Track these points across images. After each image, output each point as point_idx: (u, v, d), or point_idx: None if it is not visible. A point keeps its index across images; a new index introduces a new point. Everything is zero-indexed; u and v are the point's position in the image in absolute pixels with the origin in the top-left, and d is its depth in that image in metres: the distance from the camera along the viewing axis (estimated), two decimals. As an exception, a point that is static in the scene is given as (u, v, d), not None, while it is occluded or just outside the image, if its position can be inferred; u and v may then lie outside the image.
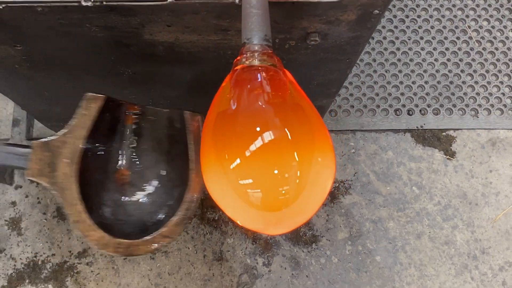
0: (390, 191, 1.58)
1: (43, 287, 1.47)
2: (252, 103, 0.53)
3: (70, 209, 0.67)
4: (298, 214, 0.53)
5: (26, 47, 0.75)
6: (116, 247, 0.67)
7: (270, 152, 0.50)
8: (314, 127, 0.54)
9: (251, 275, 1.49)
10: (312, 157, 0.52)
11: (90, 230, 0.67)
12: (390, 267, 1.51)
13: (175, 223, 0.69)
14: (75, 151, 0.69)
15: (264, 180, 0.51)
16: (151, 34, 0.72)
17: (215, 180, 0.54)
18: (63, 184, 0.68)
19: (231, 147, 0.51)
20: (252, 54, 0.55)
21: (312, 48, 0.78)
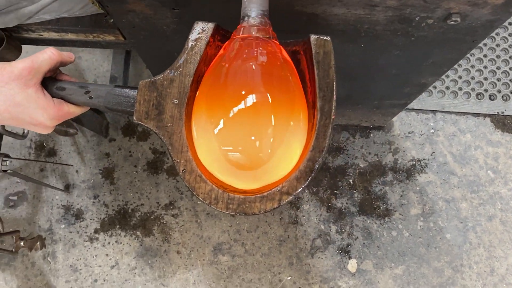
0: (466, 173, 1.61)
1: (132, 233, 1.60)
2: (243, 70, 0.57)
3: (178, 157, 0.59)
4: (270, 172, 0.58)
5: (183, 10, 0.82)
6: (227, 203, 0.58)
7: (252, 113, 0.54)
8: (294, 97, 0.59)
9: (324, 241, 1.57)
10: (287, 122, 0.56)
11: (199, 181, 0.58)
12: (460, 246, 1.56)
13: (296, 177, 0.58)
14: (184, 90, 0.60)
15: (242, 138, 0.55)
16: (302, 5, 0.78)
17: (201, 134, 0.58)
18: (170, 128, 0.60)
19: (218, 106, 0.56)
20: (250, 26, 0.59)
21: (447, 27, 0.82)
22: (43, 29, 0.97)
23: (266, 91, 0.55)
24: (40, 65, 0.64)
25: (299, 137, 0.59)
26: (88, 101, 0.67)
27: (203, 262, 1.56)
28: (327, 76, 0.60)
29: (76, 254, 1.58)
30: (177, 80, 0.60)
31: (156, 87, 0.61)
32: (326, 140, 0.58)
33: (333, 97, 0.59)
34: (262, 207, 0.57)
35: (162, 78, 0.61)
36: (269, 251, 1.57)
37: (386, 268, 1.54)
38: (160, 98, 0.60)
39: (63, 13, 0.88)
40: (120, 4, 0.81)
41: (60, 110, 0.67)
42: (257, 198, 0.57)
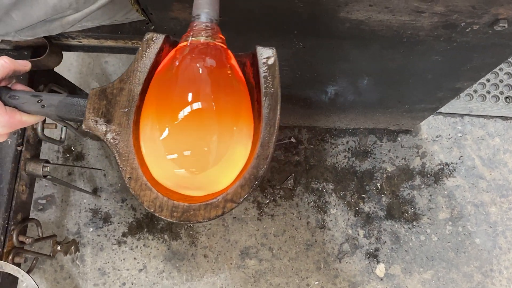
0: (494, 177, 1.60)
1: (160, 236, 1.61)
2: (188, 77, 0.57)
3: (124, 164, 0.59)
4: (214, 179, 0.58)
5: (225, 18, 0.83)
6: (172, 211, 0.58)
7: (196, 120, 0.55)
8: (240, 105, 0.59)
9: (352, 245, 1.57)
10: (231, 129, 0.56)
11: (145, 189, 0.58)
12: (489, 250, 1.54)
13: (241, 184, 0.58)
14: (133, 98, 0.61)
15: (186, 145, 0.55)
16: (348, 12, 0.78)
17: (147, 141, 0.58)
18: (118, 136, 0.60)
19: (163, 113, 0.56)
20: (200, 31, 0.59)
21: (492, 33, 0.81)
22: (83, 36, 0.98)
23: (211, 98, 0.56)
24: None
25: (244, 145, 0.59)
26: (41, 110, 0.68)
27: (230, 266, 1.57)
28: (272, 85, 0.61)
29: (104, 257, 1.60)
30: (126, 89, 0.61)
31: (106, 95, 0.62)
32: (270, 148, 0.59)
33: (277, 106, 0.60)
34: (206, 215, 0.58)
35: (112, 87, 0.62)
36: (296, 255, 1.56)
37: (415, 273, 1.53)
38: (109, 106, 0.62)
39: (105, 20, 0.89)
40: (164, 12, 0.82)
41: (12, 118, 0.67)
42: (201, 206, 0.58)
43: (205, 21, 0.60)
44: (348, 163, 1.64)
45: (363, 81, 1.12)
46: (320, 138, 1.66)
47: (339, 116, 1.50)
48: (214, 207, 0.58)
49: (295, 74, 1.11)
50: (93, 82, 1.76)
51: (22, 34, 0.84)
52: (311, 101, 1.34)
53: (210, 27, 0.60)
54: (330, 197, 1.61)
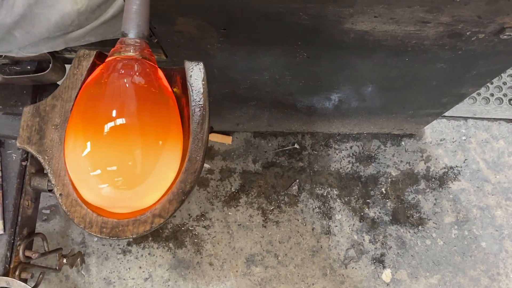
0: (500, 179, 1.59)
1: (164, 245, 1.60)
2: (114, 90, 0.57)
3: (56, 181, 0.60)
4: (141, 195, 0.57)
5: (230, 30, 0.83)
6: (101, 227, 0.58)
7: (119, 136, 0.54)
8: (168, 121, 0.58)
9: (358, 251, 1.56)
10: (157, 145, 0.56)
11: (75, 205, 0.59)
12: (496, 254, 1.54)
13: (169, 199, 0.58)
14: (65, 115, 0.62)
15: (110, 162, 0.55)
16: (353, 23, 0.77)
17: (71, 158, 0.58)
18: (50, 152, 0.61)
19: (86, 129, 0.56)
20: (128, 47, 0.59)
21: (498, 41, 0.81)
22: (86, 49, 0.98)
23: (135, 113, 0.55)
24: None
25: (171, 160, 0.59)
26: None
27: (236, 273, 1.56)
28: (200, 100, 0.61)
29: (110, 267, 1.59)
30: (58, 106, 0.63)
31: (39, 112, 0.63)
32: (198, 163, 0.60)
33: (205, 121, 0.61)
34: (135, 230, 0.58)
35: (45, 104, 0.63)
36: (302, 261, 1.56)
37: (421, 278, 1.53)
38: (42, 123, 0.63)
39: (108, 35, 0.88)
40: (168, 26, 0.82)
41: None
42: (130, 222, 0.58)
43: (133, 37, 0.60)
44: (352, 168, 1.63)
45: (367, 88, 1.12)
46: (323, 144, 1.66)
47: (343, 122, 1.50)
48: (142, 222, 0.58)
49: (298, 82, 1.11)
50: (95, 91, 1.76)
51: (25, 51, 0.84)
52: (314, 108, 1.34)
53: (138, 43, 0.60)
54: (335, 203, 1.61)
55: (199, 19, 0.78)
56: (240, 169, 1.65)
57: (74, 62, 0.64)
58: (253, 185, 1.64)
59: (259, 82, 1.10)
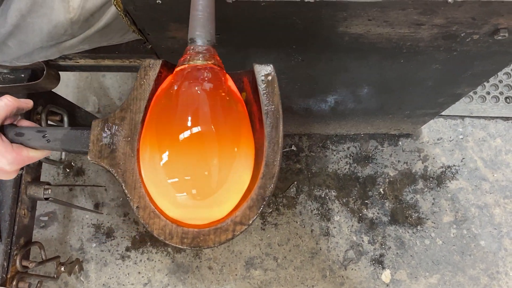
0: (497, 178, 1.59)
1: (163, 249, 1.60)
2: (187, 99, 0.57)
3: (131, 193, 0.59)
4: (218, 202, 0.57)
5: (224, 35, 0.82)
6: (182, 238, 0.57)
7: (196, 144, 0.54)
8: (240, 126, 0.58)
9: (357, 252, 1.56)
10: (232, 151, 0.56)
11: (153, 217, 0.58)
12: (495, 252, 1.53)
13: (248, 206, 0.57)
14: (135, 127, 0.61)
15: (187, 170, 0.54)
16: (347, 26, 0.77)
17: (148, 169, 0.58)
18: (123, 165, 0.60)
19: (162, 139, 0.56)
20: (196, 54, 0.59)
21: (492, 41, 0.81)
22: (80, 57, 0.98)
23: (210, 121, 0.55)
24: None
25: (246, 166, 0.59)
26: (46, 145, 0.69)
27: (235, 277, 1.56)
28: (272, 103, 0.60)
29: (109, 272, 1.59)
30: (128, 118, 0.62)
31: (108, 125, 0.62)
32: (276, 167, 0.58)
33: (279, 123, 0.59)
34: (217, 239, 0.57)
35: (113, 117, 0.62)
36: (301, 264, 1.56)
37: (421, 278, 1.53)
38: (112, 136, 0.62)
39: (102, 42, 0.88)
40: (161, 32, 0.81)
41: (19, 155, 0.68)
42: (211, 231, 0.57)
43: (200, 44, 0.59)
44: (350, 169, 1.63)
45: (363, 90, 1.12)
46: (321, 145, 1.66)
47: (340, 123, 1.49)
48: (223, 231, 0.57)
49: (294, 85, 1.10)
50: (91, 96, 1.75)
51: (20, 61, 0.83)
52: (311, 110, 1.33)
53: (206, 50, 0.60)
54: (333, 204, 1.60)
55: (193, 25, 0.78)
56: (237, 172, 1.65)
57: (140, 72, 0.63)
58: (251, 188, 1.63)
59: (254, 85, 1.10)
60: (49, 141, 0.69)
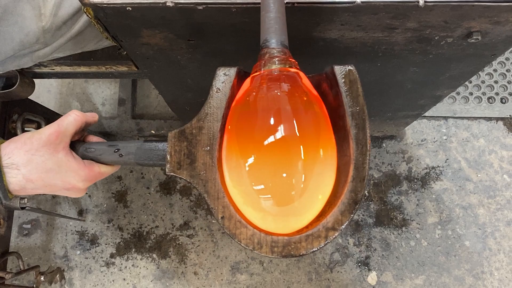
0: (481, 178, 1.60)
1: (148, 256, 1.58)
2: (268, 104, 0.56)
3: (214, 204, 0.57)
4: (305, 208, 0.56)
5: (198, 41, 0.81)
6: (272, 247, 0.55)
7: (281, 149, 0.53)
8: (323, 129, 0.58)
9: (343, 254, 1.56)
10: (317, 154, 0.55)
11: (240, 227, 0.56)
12: (479, 252, 1.54)
13: (340, 210, 0.55)
14: (214, 136, 0.60)
15: (274, 175, 0.54)
16: (321, 31, 0.76)
17: (233, 176, 0.57)
18: (204, 175, 0.59)
19: (246, 146, 0.55)
20: (272, 58, 0.58)
21: (466, 44, 0.81)
22: (55, 64, 0.96)
23: (294, 125, 0.54)
24: (66, 128, 0.64)
25: (331, 169, 0.57)
26: (119, 159, 0.67)
27: (221, 282, 1.55)
28: (357, 104, 0.59)
29: (93, 280, 1.57)
30: (205, 127, 0.60)
31: (186, 136, 0.61)
32: (365, 169, 0.57)
33: (366, 124, 0.58)
34: (309, 247, 0.55)
35: (190, 127, 0.61)
36: (287, 267, 1.55)
37: (407, 279, 1.53)
38: (191, 147, 0.60)
39: (76, 50, 0.87)
40: (134, 38, 0.80)
41: (91, 171, 0.66)
42: (302, 238, 0.55)
43: (275, 47, 0.58)
44: (335, 171, 1.63)
45: (343, 93, 1.11)
46: (305, 148, 1.65)
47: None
48: (315, 237, 0.55)
49: (274, 89, 1.10)
50: (74, 102, 1.74)
51: None
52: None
53: (281, 52, 0.58)
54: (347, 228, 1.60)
55: (165, 31, 0.77)
56: (222, 176, 1.64)
57: (215, 81, 0.63)
58: (236, 192, 1.63)
59: (234, 90, 1.09)
60: (121, 155, 0.67)
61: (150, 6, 0.69)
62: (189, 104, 1.21)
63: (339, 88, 0.59)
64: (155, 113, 1.69)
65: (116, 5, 0.69)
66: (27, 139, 0.62)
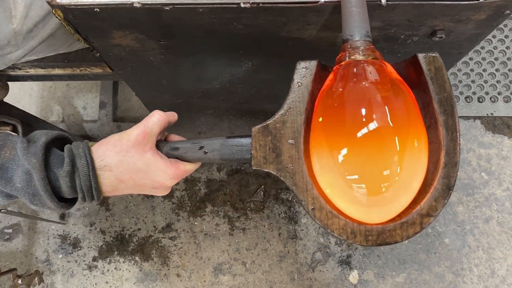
0: (459, 176, 1.62)
1: (131, 258, 1.58)
2: (358, 95, 0.57)
3: (304, 195, 0.59)
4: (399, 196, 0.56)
5: (169, 42, 0.82)
6: (366, 236, 0.56)
7: (375, 138, 0.54)
8: (413, 117, 0.58)
9: (324, 253, 1.57)
10: (411, 142, 0.56)
11: (331, 217, 0.57)
12: (459, 249, 1.56)
13: (434, 197, 0.56)
14: (298, 129, 0.61)
15: (368, 164, 0.54)
16: (288, 31, 0.78)
17: (325, 167, 0.58)
18: (291, 168, 0.60)
19: (338, 136, 0.56)
20: (355, 50, 0.59)
21: (433, 43, 0.83)
22: (29, 66, 0.97)
23: (386, 115, 0.55)
24: (151, 129, 0.65)
25: (423, 157, 0.58)
26: (203, 157, 0.68)
27: (204, 283, 1.55)
28: (444, 90, 0.60)
29: (76, 283, 1.57)
30: (289, 121, 0.61)
31: (270, 130, 0.62)
32: (457, 155, 0.58)
33: (454, 110, 0.59)
34: (404, 234, 0.56)
35: (274, 122, 0.62)
36: (270, 268, 1.56)
37: (388, 277, 1.54)
38: (275, 141, 0.61)
39: (50, 52, 0.88)
40: (105, 40, 0.81)
41: (178, 169, 0.67)
42: (397, 226, 0.56)
43: (358, 39, 0.59)
44: (316, 171, 1.64)
45: (318, 93, 1.13)
46: (287, 149, 1.67)
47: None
48: (410, 224, 0.56)
49: (250, 90, 1.11)
50: (56, 106, 1.73)
51: None
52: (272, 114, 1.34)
53: (365, 44, 0.59)
54: (300, 207, 1.61)
55: (135, 32, 0.78)
56: (204, 178, 1.65)
57: (296, 74, 0.64)
58: (218, 194, 1.64)
59: (211, 91, 1.10)
60: (206, 152, 0.68)
61: (118, 7, 0.70)
62: (167, 105, 1.22)
63: (425, 76, 0.61)
64: (136, 116, 1.69)
65: (84, 7, 0.70)
66: (116, 141, 0.63)
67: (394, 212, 0.58)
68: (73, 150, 0.61)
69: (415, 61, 0.62)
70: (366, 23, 0.60)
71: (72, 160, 0.60)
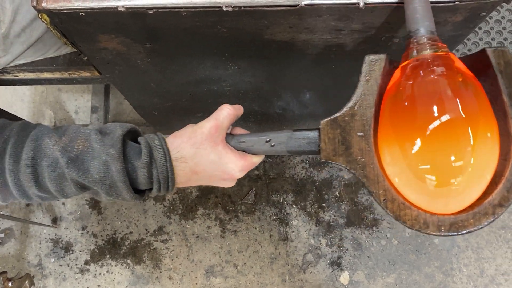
0: (448, 177, 1.64)
1: (123, 261, 1.59)
2: (429, 88, 0.58)
3: (375, 187, 0.60)
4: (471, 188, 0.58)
5: (154, 45, 0.84)
6: (439, 226, 0.57)
7: (447, 129, 0.55)
8: (485, 109, 0.59)
9: (315, 255, 1.58)
10: (484, 133, 0.57)
11: (404, 208, 0.58)
12: (448, 250, 1.58)
13: (506, 187, 0.58)
14: (367, 122, 0.62)
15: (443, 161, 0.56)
16: (272, 34, 0.79)
17: (396, 159, 0.59)
18: (361, 160, 0.61)
19: (410, 128, 0.57)
20: (423, 45, 0.61)
21: (413, 45, 0.84)
22: (18, 70, 0.98)
23: (458, 107, 0.56)
24: (222, 122, 0.67)
25: (495, 148, 0.59)
26: (271, 149, 0.70)
27: (196, 286, 1.56)
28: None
29: (68, 287, 1.57)
30: (358, 114, 0.63)
31: (338, 123, 0.63)
32: None
33: None
34: (477, 224, 0.57)
35: (342, 115, 0.63)
36: (261, 269, 1.57)
37: (378, 278, 1.56)
38: (344, 133, 0.62)
39: (38, 56, 0.89)
40: (92, 43, 0.82)
41: (246, 161, 0.68)
42: (469, 216, 0.58)
43: (425, 34, 0.61)
44: (306, 173, 1.66)
45: (305, 95, 1.14)
46: (277, 151, 1.68)
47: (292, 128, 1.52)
48: (483, 214, 0.58)
49: (238, 93, 1.13)
50: (48, 111, 1.74)
51: None
52: (261, 117, 1.36)
53: (431, 39, 0.60)
54: (291, 209, 1.63)
55: (121, 35, 0.79)
56: (196, 181, 1.66)
57: (364, 68, 0.65)
58: (209, 196, 1.65)
59: (198, 94, 1.12)
60: (273, 145, 0.69)
61: (103, 11, 0.71)
62: (157, 109, 1.24)
63: (493, 69, 0.62)
64: (128, 120, 1.71)
65: (70, 11, 0.71)
66: (191, 133, 0.65)
67: (467, 202, 0.59)
68: (149, 142, 0.62)
69: (483, 55, 0.63)
70: (430, 18, 0.62)
71: (150, 152, 0.61)
